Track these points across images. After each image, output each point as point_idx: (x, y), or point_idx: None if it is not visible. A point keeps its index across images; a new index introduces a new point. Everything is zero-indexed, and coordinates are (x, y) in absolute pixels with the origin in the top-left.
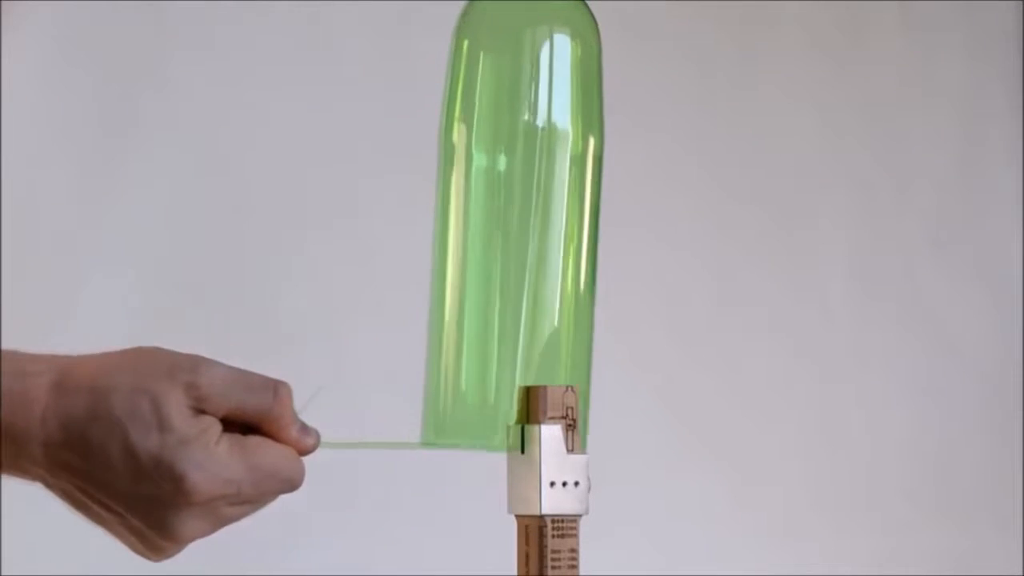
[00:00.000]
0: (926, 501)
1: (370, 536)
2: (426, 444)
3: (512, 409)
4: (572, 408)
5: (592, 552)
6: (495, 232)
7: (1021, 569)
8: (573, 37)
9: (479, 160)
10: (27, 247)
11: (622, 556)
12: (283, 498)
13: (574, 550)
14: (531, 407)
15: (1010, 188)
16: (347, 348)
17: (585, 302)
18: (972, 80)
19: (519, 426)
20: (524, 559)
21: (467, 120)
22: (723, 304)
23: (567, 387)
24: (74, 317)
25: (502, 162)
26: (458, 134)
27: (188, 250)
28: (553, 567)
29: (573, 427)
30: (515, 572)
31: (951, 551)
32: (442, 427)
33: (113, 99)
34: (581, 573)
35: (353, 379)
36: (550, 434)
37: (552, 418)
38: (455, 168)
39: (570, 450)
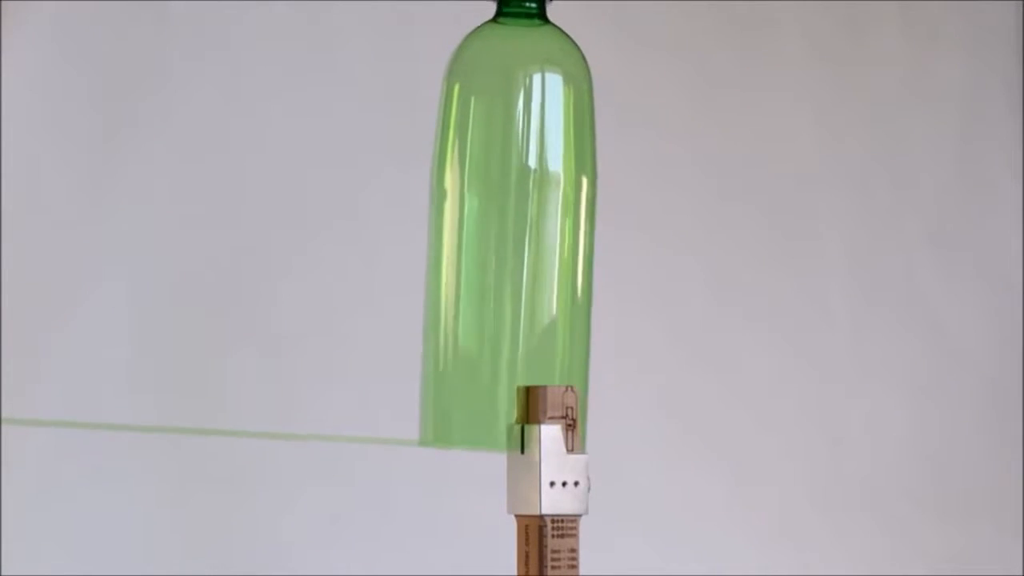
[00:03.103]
0: (926, 501)
1: (369, 536)
2: (423, 443)
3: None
4: (572, 408)
5: (592, 552)
6: (488, 270)
7: (1021, 569)
8: (565, 79)
9: (471, 203)
10: (27, 247)
11: (621, 556)
12: (284, 499)
13: (574, 550)
14: (531, 407)
15: (1010, 188)
16: (347, 348)
17: (582, 313)
18: (972, 80)
19: (519, 426)
20: (524, 559)
21: (459, 163)
22: (722, 304)
23: (567, 387)
24: (74, 317)
25: (494, 205)
26: (451, 177)
27: (188, 250)
28: (553, 567)
29: (573, 427)
30: (515, 572)
31: (951, 551)
32: (439, 429)
33: (113, 99)
34: (581, 573)
35: (353, 378)
36: (550, 434)
37: (552, 418)
38: (447, 210)
39: (570, 450)
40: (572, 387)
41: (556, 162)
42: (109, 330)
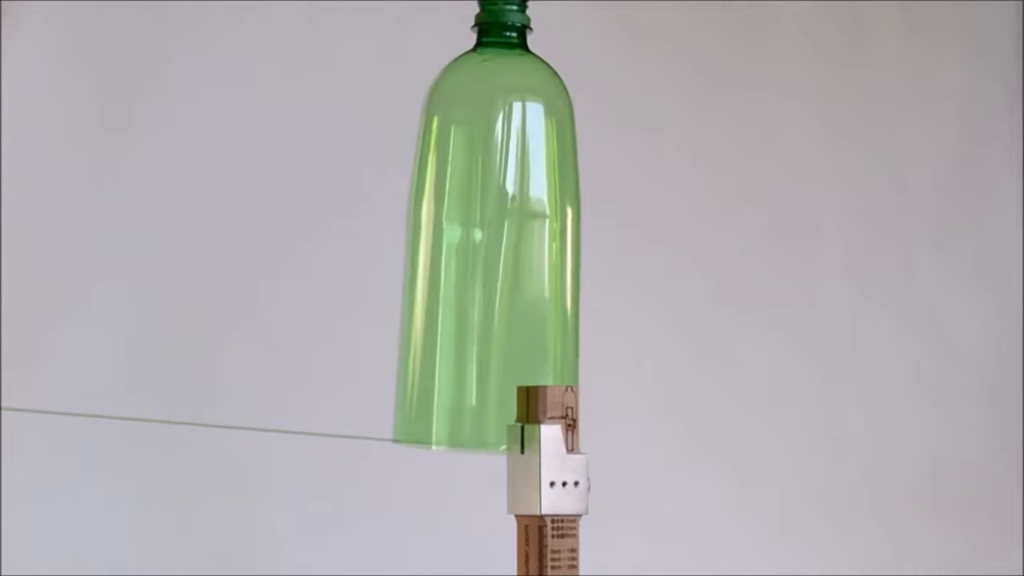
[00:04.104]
0: (926, 501)
1: (370, 536)
2: (395, 440)
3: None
4: (572, 408)
5: (592, 552)
6: (469, 304)
7: (1021, 569)
8: (547, 110)
9: (450, 233)
10: (27, 247)
11: (621, 556)
12: (284, 499)
13: (574, 550)
14: (531, 407)
15: (1010, 188)
16: (348, 347)
17: (571, 330)
18: (972, 80)
19: (519, 426)
20: (524, 559)
21: (438, 193)
22: (723, 304)
23: (567, 387)
24: (74, 317)
25: (476, 235)
26: (429, 207)
27: (188, 250)
28: (553, 567)
29: (573, 427)
30: (515, 572)
31: (951, 551)
32: (409, 426)
33: (113, 99)
34: (581, 573)
35: (354, 378)
36: (550, 434)
37: (552, 418)
38: (424, 241)
39: (570, 450)
40: (572, 387)
41: (540, 192)
42: (109, 330)
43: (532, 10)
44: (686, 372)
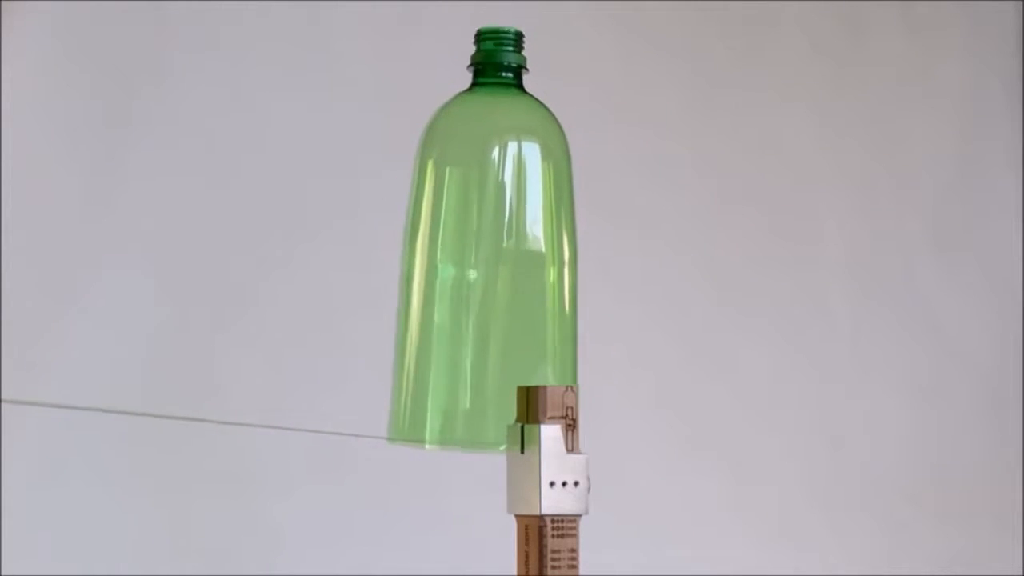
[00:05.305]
0: (926, 501)
1: (370, 536)
2: (390, 439)
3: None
4: (572, 408)
5: (592, 552)
6: (463, 336)
7: (1021, 569)
8: (543, 152)
9: (445, 273)
10: (28, 245)
11: (621, 556)
12: (284, 498)
13: (574, 550)
14: (531, 407)
15: (1010, 188)
16: (348, 347)
17: (568, 350)
18: (972, 80)
19: (519, 426)
20: (524, 559)
21: (433, 233)
22: (722, 304)
23: (567, 387)
24: (74, 317)
25: (470, 275)
26: (423, 246)
27: (188, 249)
28: (553, 567)
29: (573, 427)
30: (515, 572)
31: (951, 551)
32: (402, 425)
33: (113, 99)
34: (581, 573)
35: (354, 378)
36: (550, 434)
37: (552, 418)
38: (416, 279)
39: (569, 450)
40: (572, 387)
41: (536, 233)
42: (109, 329)
43: (532, 8)
44: (686, 372)
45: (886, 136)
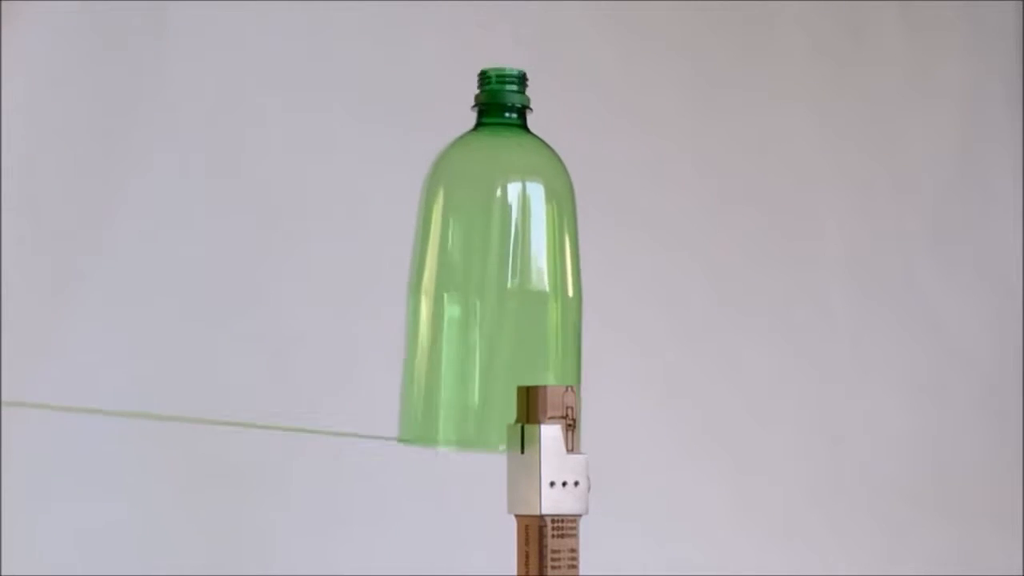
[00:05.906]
0: (925, 501)
1: (370, 536)
2: (401, 440)
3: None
4: (572, 408)
5: (592, 552)
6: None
7: (1021, 569)
8: (547, 194)
9: (451, 309)
10: (28, 245)
11: (622, 556)
12: (284, 500)
13: (574, 550)
14: (531, 407)
15: (1010, 188)
16: (349, 346)
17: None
18: (972, 80)
19: (519, 426)
20: (524, 559)
21: (440, 272)
22: (723, 304)
23: (567, 387)
24: (74, 317)
25: (476, 308)
26: (430, 281)
27: (188, 249)
28: (553, 567)
29: (573, 427)
30: (515, 572)
31: (951, 551)
32: (414, 426)
33: (113, 99)
34: (581, 573)
35: (355, 376)
36: (550, 434)
37: (552, 418)
38: (423, 312)
39: (569, 450)
40: (572, 387)
41: (540, 271)
42: (109, 328)
43: (533, 10)
44: (686, 372)
45: (886, 136)
